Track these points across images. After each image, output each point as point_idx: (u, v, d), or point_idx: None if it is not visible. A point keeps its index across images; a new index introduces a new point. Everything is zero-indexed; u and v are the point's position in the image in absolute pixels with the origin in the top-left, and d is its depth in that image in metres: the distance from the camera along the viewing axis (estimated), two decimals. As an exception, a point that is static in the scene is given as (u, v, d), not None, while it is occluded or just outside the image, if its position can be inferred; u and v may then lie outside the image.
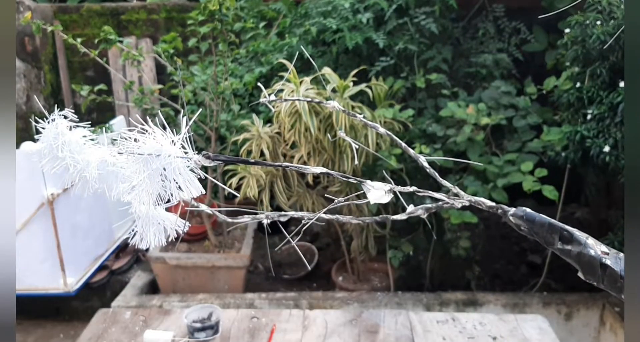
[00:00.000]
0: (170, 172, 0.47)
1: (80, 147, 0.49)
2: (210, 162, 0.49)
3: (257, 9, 3.32)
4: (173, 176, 0.47)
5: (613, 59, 2.18)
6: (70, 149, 0.49)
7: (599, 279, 0.44)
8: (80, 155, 0.49)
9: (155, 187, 0.47)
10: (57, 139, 0.49)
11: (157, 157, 0.46)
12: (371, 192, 0.50)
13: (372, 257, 2.80)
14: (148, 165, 0.47)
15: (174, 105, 2.79)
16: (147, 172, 0.47)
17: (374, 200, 0.50)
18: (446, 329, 1.73)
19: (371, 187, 0.51)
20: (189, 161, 0.47)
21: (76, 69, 3.92)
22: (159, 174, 0.47)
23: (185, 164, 0.47)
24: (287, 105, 2.33)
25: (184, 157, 0.47)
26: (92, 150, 0.49)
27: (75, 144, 0.49)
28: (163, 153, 0.46)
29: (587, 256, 0.44)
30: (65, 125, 0.49)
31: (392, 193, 0.52)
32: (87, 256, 2.95)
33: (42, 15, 3.73)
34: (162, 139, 0.47)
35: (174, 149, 0.47)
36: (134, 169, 0.47)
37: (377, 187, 0.51)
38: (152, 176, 0.47)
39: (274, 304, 2.60)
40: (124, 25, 3.83)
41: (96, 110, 3.93)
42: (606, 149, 2.12)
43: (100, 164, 0.48)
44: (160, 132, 0.48)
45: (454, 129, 2.48)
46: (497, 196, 2.33)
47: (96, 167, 0.48)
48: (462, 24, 2.95)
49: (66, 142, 0.49)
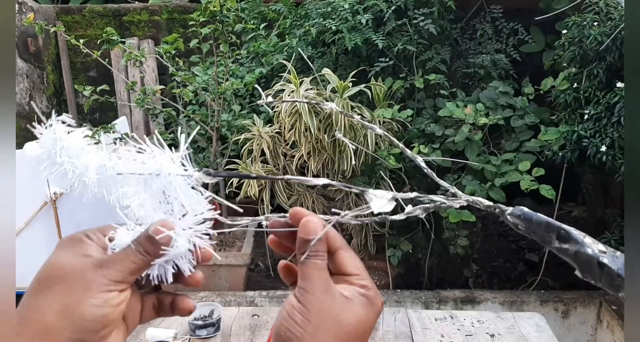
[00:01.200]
0: (172, 191, 0.45)
1: (79, 151, 0.48)
2: (211, 178, 0.46)
3: (257, 10, 3.34)
4: (175, 194, 0.45)
5: (610, 60, 2.20)
6: (69, 154, 0.48)
7: (597, 277, 0.43)
8: (79, 160, 0.48)
9: (156, 206, 0.46)
10: (55, 144, 0.48)
11: (157, 176, 0.45)
12: (374, 202, 0.49)
13: (372, 255, 2.82)
14: (148, 186, 0.46)
15: (176, 106, 2.82)
16: (148, 192, 0.45)
17: (377, 209, 0.49)
18: (444, 326, 1.75)
19: (374, 196, 0.50)
20: (190, 178, 0.46)
21: (79, 69, 3.95)
22: (161, 194, 0.46)
23: (187, 181, 0.46)
24: (287, 105, 2.35)
25: (184, 175, 0.46)
26: (91, 155, 0.48)
27: (73, 148, 0.48)
28: (163, 172, 0.45)
29: (585, 255, 0.43)
30: (63, 131, 0.48)
31: (395, 200, 0.51)
32: (90, 255, 2.97)
33: (44, 16, 3.75)
34: (161, 157, 0.46)
35: (174, 167, 0.45)
36: (134, 189, 0.46)
37: (379, 196, 0.50)
38: (153, 196, 0.46)
39: (275, 302, 2.62)
40: (126, 26, 3.86)
41: (98, 110, 3.96)
42: (603, 148, 2.14)
43: (99, 168, 0.47)
44: (159, 150, 0.46)
45: (452, 129, 2.50)
46: (495, 195, 2.35)
47: (95, 171, 0.47)
48: (461, 24, 2.97)
49: (64, 147, 0.48)
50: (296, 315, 0.45)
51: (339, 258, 0.48)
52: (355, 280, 0.48)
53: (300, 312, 0.45)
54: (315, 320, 0.44)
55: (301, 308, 0.45)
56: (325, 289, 0.46)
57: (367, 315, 0.46)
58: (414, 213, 0.51)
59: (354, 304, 0.46)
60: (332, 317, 0.45)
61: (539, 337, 1.68)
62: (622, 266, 0.44)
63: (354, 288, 0.47)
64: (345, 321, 0.45)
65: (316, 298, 0.45)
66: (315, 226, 0.47)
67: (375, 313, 0.47)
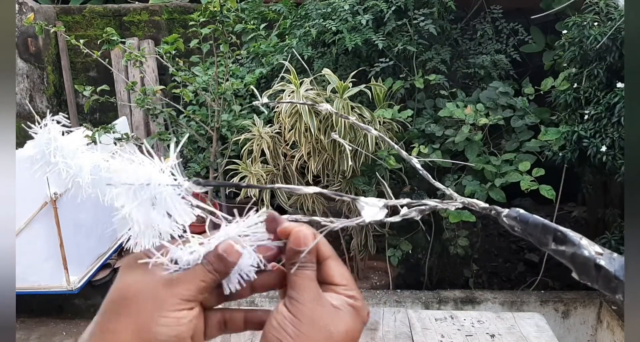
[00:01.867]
0: (161, 201, 0.45)
1: (74, 152, 0.48)
2: (201, 188, 0.46)
3: (257, 10, 3.34)
4: (164, 204, 0.45)
5: (610, 60, 2.20)
6: (63, 154, 0.47)
7: (593, 279, 0.43)
8: (73, 161, 0.47)
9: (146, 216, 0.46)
10: (49, 144, 0.47)
11: (147, 186, 0.45)
12: (365, 210, 0.49)
13: (372, 255, 2.82)
14: (138, 196, 0.45)
15: (176, 106, 2.82)
16: (137, 202, 0.45)
17: (369, 218, 0.48)
18: (444, 326, 1.75)
19: (365, 204, 0.49)
20: (180, 189, 0.46)
21: (79, 69, 3.95)
22: (150, 204, 0.45)
23: (176, 192, 0.45)
24: (287, 105, 2.35)
25: (174, 185, 0.45)
26: (86, 156, 0.48)
27: (68, 149, 0.47)
28: (153, 182, 0.45)
29: (581, 257, 0.43)
30: (57, 130, 0.48)
31: (387, 207, 0.50)
32: (90, 254, 2.98)
33: (44, 17, 3.76)
34: (150, 167, 0.45)
35: (163, 177, 0.45)
36: (123, 199, 0.45)
37: (371, 204, 0.49)
38: (142, 205, 0.45)
39: (275, 301, 2.62)
40: (126, 26, 3.86)
41: (99, 110, 3.96)
42: (603, 148, 2.14)
43: (93, 169, 0.47)
44: (148, 160, 0.45)
45: (452, 129, 2.50)
46: (495, 196, 2.35)
47: (89, 172, 0.47)
48: (461, 25, 2.97)
49: (59, 147, 0.47)
50: (287, 325, 0.45)
51: (327, 268, 0.48)
52: (343, 290, 0.48)
53: (291, 323, 0.45)
54: (306, 330, 0.45)
55: (292, 318, 0.45)
56: (316, 300, 0.46)
57: (354, 325, 0.47)
58: (410, 215, 0.51)
59: (343, 314, 0.46)
60: (323, 327, 0.45)
61: (539, 337, 1.68)
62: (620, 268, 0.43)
63: (342, 298, 0.47)
64: (336, 330, 0.45)
65: (307, 308, 0.45)
66: (307, 237, 0.47)
67: (361, 324, 0.47)
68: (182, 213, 0.46)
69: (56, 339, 3.00)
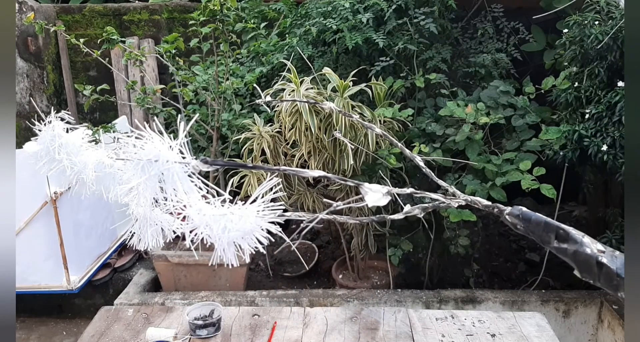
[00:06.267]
0: (169, 177, 0.45)
1: (78, 149, 0.48)
2: (208, 166, 0.47)
3: (257, 9, 3.34)
4: (171, 181, 0.45)
5: (611, 59, 2.20)
6: (67, 151, 0.47)
7: (595, 277, 0.43)
8: (78, 158, 0.47)
9: (153, 192, 0.46)
10: (53, 141, 0.47)
11: (156, 162, 0.45)
12: (369, 195, 0.49)
13: (372, 255, 2.82)
14: (146, 171, 0.45)
15: (176, 105, 2.82)
16: (145, 177, 0.45)
17: (372, 203, 0.49)
18: (445, 326, 1.75)
19: (369, 189, 0.50)
20: (187, 166, 0.46)
21: (79, 68, 3.95)
22: (157, 179, 0.46)
23: (184, 169, 0.45)
24: (287, 104, 2.35)
25: (182, 162, 0.46)
26: (90, 152, 0.48)
27: (72, 146, 0.47)
28: (161, 158, 0.45)
29: (583, 255, 0.43)
30: (62, 128, 0.47)
31: (390, 195, 0.50)
32: (90, 254, 2.98)
33: (44, 16, 3.75)
34: (160, 144, 0.45)
35: (172, 154, 0.45)
36: (132, 173, 0.45)
37: (374, 190, 0.50)
38: (150, 180, 0.45)
39: (275, 301, 2.62)
40: (126, 25, 3.86)
41: (99, 109, 3.96)
42: (604, 147, 2.14)
43: (97, 166, 0.47)
44: (158, 137, 0.46)
45: (453, 128, 2.49)
46: (495, 195, 2.34)
47: (93, 169, 0.47)
48: (461, 24, 2.97)
49: (63, 144, 0.47)
50: None
51: None
52: None
53: None
54: None
55: None
56: None
57: None
58: (413, 212, 0.52)
59: None
60: None
61: (539, 337, 1.68)
62: (621, 266, 0.43)
63: None
64: None
65: None
66: None
67: None
68: (187, 190, 0.46)
69: (56, 338, 3.00)
